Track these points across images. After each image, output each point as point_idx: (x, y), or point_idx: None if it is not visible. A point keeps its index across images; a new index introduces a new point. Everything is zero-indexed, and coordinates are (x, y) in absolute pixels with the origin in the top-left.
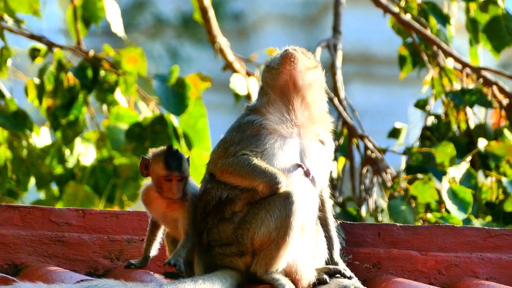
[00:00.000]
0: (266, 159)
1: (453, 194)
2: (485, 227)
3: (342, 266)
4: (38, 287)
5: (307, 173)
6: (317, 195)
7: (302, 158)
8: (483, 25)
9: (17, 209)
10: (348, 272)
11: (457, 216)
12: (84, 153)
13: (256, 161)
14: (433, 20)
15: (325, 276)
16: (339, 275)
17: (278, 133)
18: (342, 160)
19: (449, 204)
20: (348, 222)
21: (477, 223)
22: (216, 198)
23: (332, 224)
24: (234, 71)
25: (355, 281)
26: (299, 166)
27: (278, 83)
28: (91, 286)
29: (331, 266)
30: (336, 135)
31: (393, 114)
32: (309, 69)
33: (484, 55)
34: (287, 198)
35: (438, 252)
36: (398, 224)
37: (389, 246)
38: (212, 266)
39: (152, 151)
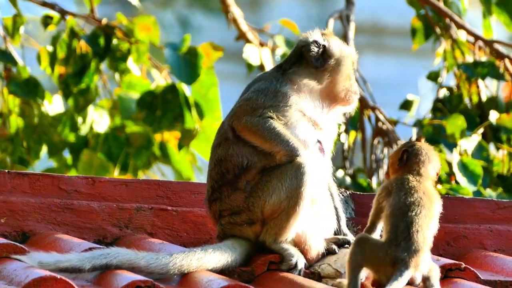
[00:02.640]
0: (288, 128)
1: (463, 166)
2: (494, 199)
3: (350, 237)
4: (52, 256)
5: (321, 150)
6: (329, 168)
7: (319, 134)
8: None
9: (26, 176)
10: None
11: (467, 187)
12: (98, 120)
13: (281, 128)
14: None
15: (334, 246)
16: (348, 246)
17: (307, 115)
18: (353, 132)
19: (459, 176)
20: (358, 192)
21: (487, 194)
22: (238, 166)
23: (336, 194)
24: (247, 41)
25: None
26: (318, 141)
27: (319, 88)
28: (104, 254)
29: (340, 237)
30: None
31: (404, 86)
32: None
33: (497, 28)
34: (299, 169)
35: (447, 223)
36: None
37: None
38: (222, 236)
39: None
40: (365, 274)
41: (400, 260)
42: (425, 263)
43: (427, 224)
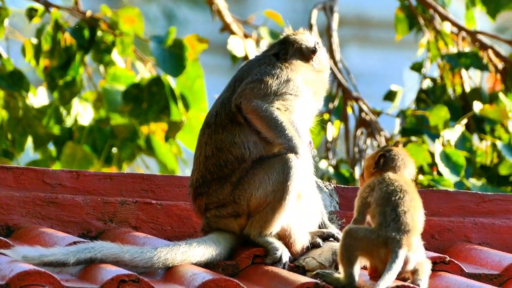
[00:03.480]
0: (292, 121)
1: (446, 157)
2: (478, 192)
3: (335, 230)
4: (36, 250)
5: (310, 146)
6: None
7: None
8: None
9: (10, 170)
10: (341, 236)
11: (449, 179)
12: (82, 112)
13: (288, 122)
14: None
15: (319, 240)
16: (332, 239)
17: (306, 109)
18: (337, 122)
19: (442, 167)
20: (342, 185)
21: (470, 185)
22: (239, 160)
23: (316, 188)
24: (232, 32)
25: None
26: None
27: (315, 87)
28: (88, 248)
29: (324, 230)
30: (331, 97)
31: (388, 77)
32: None
33: (480, 19)
34: (286, 163)
35: (432, 216)
36: None
37: None
38: (207, 229)
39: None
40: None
41: (391, 239)
42: (418, 247)
43: (415, 206)
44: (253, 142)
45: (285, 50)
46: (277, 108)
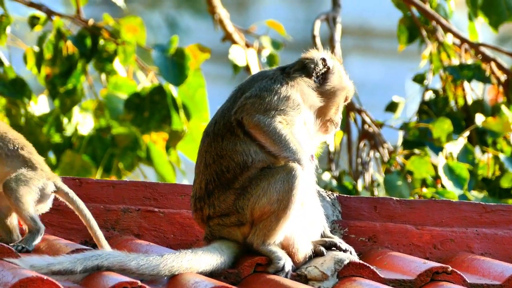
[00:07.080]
0: (293, 135)
1: (449, 170)
2: (481, 203)
3: (337, 239)
4: (45, 259)
5: (311, 159)
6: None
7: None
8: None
9: None
10: (343, 245)
11: (453, 191)
12: (82, 122)
13: (292, 136)
14: None
15: (322, 248)
16: (334, 248)
17: (307, 125)
18: (340, 133)
19: (445, 180)
20: (345, 195)
21: (472, 197)
22: (240, 166)
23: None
24: (234, 42)
25: (350, 253)
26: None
27: (317, 106)
28: (95, 256)
29: (327, 239)
30: None
31: (391, 88)
32: None
33: (483, 30)
34: (290, 172)
35: (434, 226)
36: (394, 198)
37: (385, 220)
38: (210, 237)
39: None
40: None
41: None
42: None
43: None
44: (254, 151)
45: (293, 65)
46: (280, 122)
